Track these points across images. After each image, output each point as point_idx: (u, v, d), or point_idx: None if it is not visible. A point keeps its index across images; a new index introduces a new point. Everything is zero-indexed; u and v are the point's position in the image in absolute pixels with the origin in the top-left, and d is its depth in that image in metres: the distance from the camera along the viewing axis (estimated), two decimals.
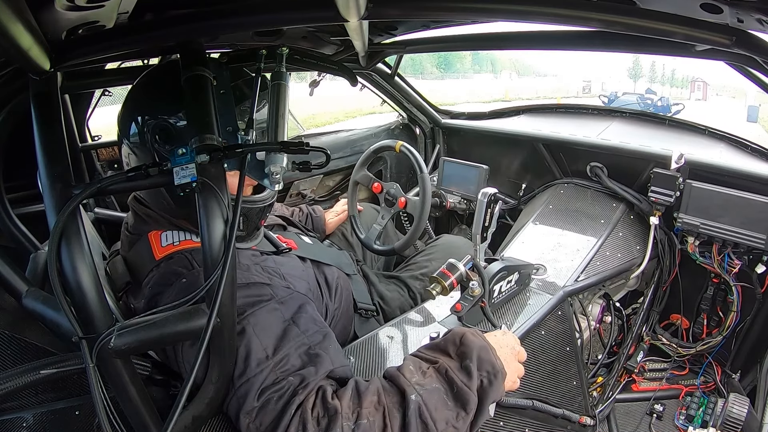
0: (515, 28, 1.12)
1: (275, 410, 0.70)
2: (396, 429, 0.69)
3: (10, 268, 0.81)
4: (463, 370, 0.76)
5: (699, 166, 1.59)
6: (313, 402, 0.71)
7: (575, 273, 1.39)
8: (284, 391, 0.71)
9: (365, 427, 0.68)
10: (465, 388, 0.74)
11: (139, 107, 0.87)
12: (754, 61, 0.83)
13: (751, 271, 1.50)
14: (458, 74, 51.21)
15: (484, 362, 0.77)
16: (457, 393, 0.74)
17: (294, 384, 0.72)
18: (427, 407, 0.71)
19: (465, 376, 0.75)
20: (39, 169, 0.64)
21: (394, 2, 0.72)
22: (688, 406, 1.59)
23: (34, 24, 0.56)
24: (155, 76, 0.90)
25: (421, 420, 0.70)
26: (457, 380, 0.74)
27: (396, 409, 0.71)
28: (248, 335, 0.75)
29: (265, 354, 0.74)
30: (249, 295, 0.80)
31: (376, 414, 0.70)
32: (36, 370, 0.74)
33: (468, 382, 0.74)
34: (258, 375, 0.72)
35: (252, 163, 0.81)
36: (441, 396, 0.73)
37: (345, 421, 0.68)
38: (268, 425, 0.70)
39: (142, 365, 0.82)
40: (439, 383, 0.74)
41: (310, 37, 1.21)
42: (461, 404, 0.73)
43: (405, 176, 2.39)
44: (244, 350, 0.74)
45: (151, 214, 0.90)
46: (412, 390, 0.72)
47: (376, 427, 0.69)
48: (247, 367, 0.73)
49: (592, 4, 0.72)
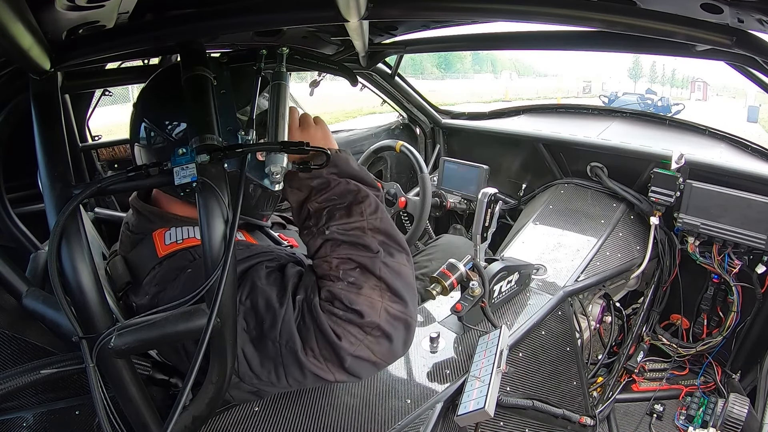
0: (515, 28, 1.12)
1: (313, 327, 0.72)
2: (357, 256, 0.77)
3: (10, 268, 0.80)
4: (336, 192, 0.82)
5: (699, 166, 1.59)
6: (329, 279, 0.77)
7: (575, 273, 1.39)
8: (303, 308, 0.74)
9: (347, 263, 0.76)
10: (344, 191, 0.82)
11: (147, 109, 0.88)
12: (754, 61, 0.83)
13: (751, 271, 1.50)
14: (458, 74, 51.19)
15: (322, 136, 0.89)
16: (348, 205, 0.81)
17: (305, 291, 0.75)
18: (345, 230, 0.78)
19: (337, 190, 0.82)
20: (39, 169, 0.64)
21: (394, 2, 0.72)
22: (688, 407, 1.59)
23: (35, 24, 0.56)
24: (163, 77, 0.91)
25: (354, 233, 0.78)
26: (335, 202, 0.82)
27: (343, 249, 0.78)
28: (255, 285, 0.75)
29: (281, 289, 0.76)
30: (249, 256, 0.81)
31: (343, 264, 0.77)
32: (36, 370, 0.74)
33: (347, 188, 0.82)
34: (287, 310, 0.74)
35: (252, 163, 0.81)
36: (341, 214, 0.80)
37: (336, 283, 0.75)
38: (321, 345, 0.72)
39: (142, 365, 0.82)
40: (332, 211, 0.81)
41: (310, 37, 1.21)
42: (353, 202, 0.81)
43: (405, 176, 2.39)
44: (260, 299, 0.74)
45: (156, 212, 0.90)
46: (328, 231, 0.79)
47: (349, 266, 0.76)
48: (275, 312, 0.73)
49: (592, 4, 0.72)
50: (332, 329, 0.72)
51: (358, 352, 0.73)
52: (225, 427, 0.87)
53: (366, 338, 0.73)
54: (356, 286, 0.74)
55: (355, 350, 0.72)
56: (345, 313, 0.72)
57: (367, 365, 0.75)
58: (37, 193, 1.32)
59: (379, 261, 0.77)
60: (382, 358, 0.75)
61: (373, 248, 0.77)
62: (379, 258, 0.77)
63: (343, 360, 0.72)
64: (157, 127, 0.86)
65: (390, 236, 0.81)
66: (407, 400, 0.96)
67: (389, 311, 0.75)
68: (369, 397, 0.95)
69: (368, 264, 0.76)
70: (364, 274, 0.76)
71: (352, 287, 0.74)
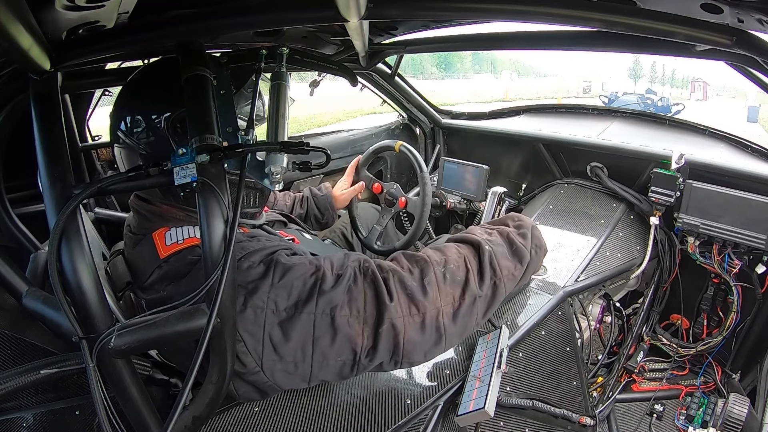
0: (515, 28, 1.12)
1: (365, 287, 0.76)
2: (474, 270, 0.85)
3: (10, 268, 0.80)
4: (520, 236, 0.95)
5: (699, 166, 1.59)
6: (397, 259, 0.84)
7: (575, 273, 1.39)
8: (358, 272, 0.78)
9: (453, 270, 0.82)
10: (522, 247, 0.92)
11: (130, 106, 0.87)
12: (754, 61, 0.83)
13: (751, 272, 1.50)
14: (458, 74, 51.20)
15: (535, 236, 0.97)
16: (516, 250, 0.92)
17: (359, 261, 0.80)
18: (496, 256, 0.88)
19: (522, 239, 0.94)
20: (39, 169, 0.64)
21: (394, 2, 0.72)
22: (688, 407, 1.58)
23: (34, 24, 0.56)
24: (142, 75, 0.91)
25: (491, 266, 0.86)
26: (516, 241, 0.93)
27: (473, 257, 0.87)
28: (289, 266, 0.76)
29: (313, 266, 0.77)
30: (267, 246, 0.82)
31: (458, 260, 0.85)
32: (36, 370, 0.74)
33: (524, 242, 0.94)
34: (326, 275, 0.76)
35: (252, 163, 0.81)
36: (504, 251, 0.91)
37: (436, 267, 0.81)
38: (367, 302, 0.75)
39: (142, 365, 0.82)
40: (503, 242, 0.92)
41: (310, 37, 1.21)
42: (518, 259, 0.91)
43: (405, 176, 2.39)
44: (298, 277, 0.75)
45: (155, 210, 0.89)
46: (485, 243, 0.89)
47: (460, 270, 0.83)
48: (313, 282, 0.75)
49: (592, 4, 0.72)
50: (388, 287, 0.76)
51: (397, 322, 0.75)
52: (225, 427, 0.87)
53: (409, 316, 0.76)
54: (441, 282, 0.81)
55: (395, 317, 0.75)
56: (411, 279, 0.78)
57: (392, 342, 0.76)
58: (37, 193, 1.31)
59: (474, 293, 0.83)
60: (407, 345, 0.77)
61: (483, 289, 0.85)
62: (476, 294, 0.83)
63: (381, 322, 0.75)
64: (143, 121, 0.84)
65: (496, 301, 0.88)
66: (407, 400, 0.96)
67: (439, 317, 0.79)
68: (369, 397, 0.95)
69: (469, 284, 0.82)
70: (456, 284, 0.82)
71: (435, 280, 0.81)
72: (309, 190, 1.63)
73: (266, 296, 0.73)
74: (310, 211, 1.58)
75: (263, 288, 0.74)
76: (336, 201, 1.61)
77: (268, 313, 0.73)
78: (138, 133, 0.84)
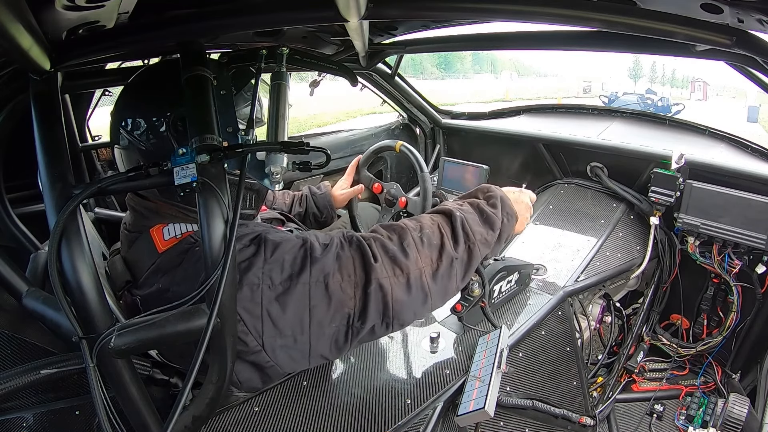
0: (515, 28, 1.12)
1: (351, 253, 0.80)
2: (448, 235, 0.90)
3: (10, 268, 0.80)
4: (491, 205, 0.99)
5: (699, 166, 1.59)
6: (375, 230, 0.88)
7: (575, 273, 1.39)
8: (343, 240, 0.82)
9: (428, 234, 0.88)
10: (492, 215, 0.96)
11: (132, 107, 0.86)
12: (755, 61, 0.83)
13: (751, 272, 1.50)
14: (458, 74, 51.18)
15: (506, 204, 1.00)
16: (486, 218, 0.96)
17: (342, 232, 0.85)
18: (468, 223, 0.92)
19: (492, 208, 0.98)
20: (39, 169, 0.64)
21: (394, 2, 0.72)
22: (689, 407, 1.59)
23: (34, 24, 0.56)
24: (140, 78, 0.90)
25: (464, 231, 0.91)
26: (486, 210, 0.97)
27: (446, 223, 0.92)
28: (278, 242, 0.79)
29: (300, 239, 0.81)
30: (253, 231, 0.83)
31: (432, 226, 0.90)
32: (36, 370, 0.74)
33: (495, 211, 0.97)
34: (314, 245, 0.80)
35: (252, 163, 0.81)
36: (475, 218, 0.95)
37: (413, 232, 0.87)
38: (356, 266, 0.79)
39: (142, 365, 0.82)
40: (473, 210, 0.97)
41: (310, 37, 1.21)
42: (489, 225, 0.96)
43: (405, 176, 2.39)
44: (288, 251, 0.78)
45: (152, 207, 0.89)
46: (456, 210, 0.94)
47: (435, 235, 0.88)
48: (303, 253, 0.78)
49: (592, 4, 0.72)
50: (372, 251, 0.81)
51: (384, 282, 0.80)
52: (225, 427, 0.87)
53: (394, 277, 0.81)
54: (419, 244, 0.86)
55: (381, 278, 0.80)
56: (391, 244, 0.83)
57: (381, 303, 0.80)
58: (37, 193, 1.31)
59: (451, 255, 0.88)
60: (395, 305, 0.81)
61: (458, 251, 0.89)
62: (452, 256, 0.88)
63: (369, 282, 0.79)
64: (144, 122, 0.84)
65: (472, 264, 0.92)
66: (407, 400, 0.96)
67: (422, 277, 0.84)
68: (369, 397, 0.95)
69: (445, 247, 0.87)
70: (433, 247, 0.87)
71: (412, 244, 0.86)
72: (308, 188, 1.63)
73: (260, 272, 0.75)
74: (308, 209, 1.58)
75: (257, 264, 0.75)
76: (335, 200, 1.61)
77: (264, 289, 0.74)
78: (139, 134, 0.84)
